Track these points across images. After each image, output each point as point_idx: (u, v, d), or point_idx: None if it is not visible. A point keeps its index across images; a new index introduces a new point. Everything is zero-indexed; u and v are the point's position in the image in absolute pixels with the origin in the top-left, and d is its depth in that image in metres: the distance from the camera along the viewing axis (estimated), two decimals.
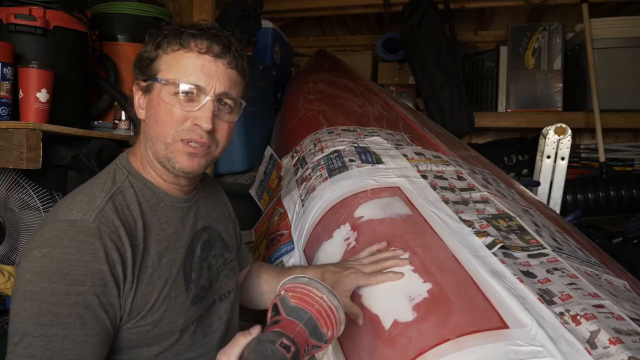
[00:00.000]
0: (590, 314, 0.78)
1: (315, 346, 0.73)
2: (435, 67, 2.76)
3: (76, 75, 1.64)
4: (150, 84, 0.89)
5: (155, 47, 0.89)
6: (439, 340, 0.77)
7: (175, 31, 0.88)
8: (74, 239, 0.76)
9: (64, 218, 0.79)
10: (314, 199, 1.30)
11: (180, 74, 0.86)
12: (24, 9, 1.50)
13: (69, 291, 0.74)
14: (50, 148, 1.51)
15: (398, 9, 3.00)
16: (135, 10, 1.91)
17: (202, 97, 0.86)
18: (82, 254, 0.76)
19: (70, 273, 0.74)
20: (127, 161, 0.93)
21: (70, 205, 0.80)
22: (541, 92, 3.02)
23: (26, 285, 0.74)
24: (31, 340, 0.72)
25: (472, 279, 0.88)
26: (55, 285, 0.74)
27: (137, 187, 0.89)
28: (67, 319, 0.74)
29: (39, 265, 0.74)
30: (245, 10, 2.31)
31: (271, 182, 1.86)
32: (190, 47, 0.87)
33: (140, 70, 0.91)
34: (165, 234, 0.89)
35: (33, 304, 0.73)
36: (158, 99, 0.87)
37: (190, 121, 0.86)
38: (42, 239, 0.77)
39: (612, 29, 2.82)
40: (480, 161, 1.62)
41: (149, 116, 0.90)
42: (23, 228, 1.61)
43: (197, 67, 0.86)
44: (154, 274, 0.85)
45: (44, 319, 0.73)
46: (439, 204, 1.11)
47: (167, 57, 0.88)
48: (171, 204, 0.93)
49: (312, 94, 2.13)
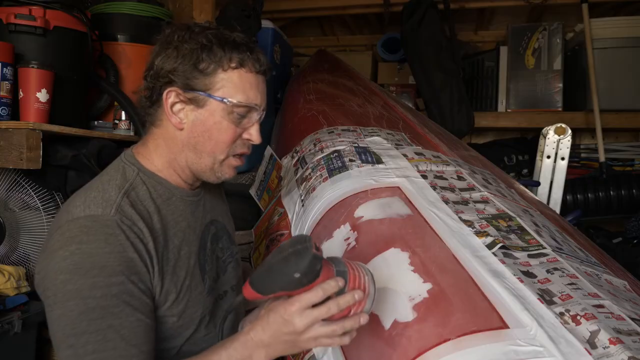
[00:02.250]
0: (590, 314, 0.78)
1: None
2: (435, 67, 2.75)
3: (76, 75, 1.64)
4: (203, 98, 0.88)
5: (215, 63, 0.87)
6: (439, 340, 0.77)
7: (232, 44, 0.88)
8: (100, 232, 0.77)
9: (83, 215, 0.79)
10: (314, 199, 1.30)
11: (240, 95, 0.88)
12: (24, 9, 1.50)
13: (109, 283, 0.75)
14: (50, 148, 1.51)
15: (398, 9, 2.99)
16: (135, 10, 1.91)
17: (255, 114, 0.91)
18: (112, 246, 0.77)
19: (105, 265, 0.75)
20: (135, 159, 0.93)
21: (85, 202, 0.80)
22: (541, 92, 3.02)
23: (64, 286, 0.74)
24: (88, 337, 0.73)
25: (472, 279, 0.88)
26: (94, 279, 0.74)
27: (148, 184, 0.90)
28: (116, 308, 0.75)
29: (71, 263, 0.75)
30: (245, 10, 2.31)
31: (271, 182, 1.86)
32: (249, 67, 0.89)
33: (186, 78, 0.87)
34: (180, 226, 0.91)
35: (78, 302, 0.74)
36: (214, 116, 0.88)
37: (242, 138, 0.92)
38: (65, 238, 0.77)
39: (612, 29, 2.82)
40: (480, 161, 1.62)
41: (196, 131, 0.89)
42: (23, 228, 1.61)
43: (253, 86, 0.90)
44: (176, 266, 0.87)
45: (94, 314, 0.74)
46: (439, 204, 1.11)
47: (224, 74, 0.87)
48: (182, 197, 0.94)
49: (312, 94, 2.13)
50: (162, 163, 0.93)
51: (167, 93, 0.88)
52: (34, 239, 1.61)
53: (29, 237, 1.61)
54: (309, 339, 0.76)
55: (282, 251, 0.75)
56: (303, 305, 0.74)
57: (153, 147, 0.93)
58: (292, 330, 0.75)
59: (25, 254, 1.62)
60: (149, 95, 0.92)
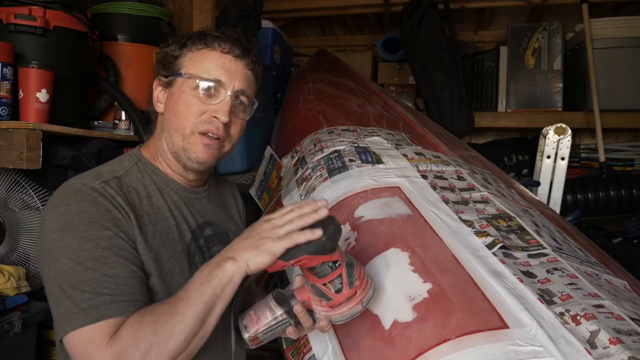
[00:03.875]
0: (590, 314, 0.78)
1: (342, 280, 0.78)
2: (435, 67, 2.75)
3: (76, 75, 1.64)
4: (172, 79, 0.95)
5: (180, 46, 0.95)
6: (439, 340, 0.78)
7: (200, 33, 0.95)
8: (87, 194, 0.81)
9: (72, 182, 0.84)
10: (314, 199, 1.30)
11: (202, 70, 0.92)
12: (24, 9, 1.50)
13: (99, 236, 0.78)
14: (50, 148, 1.51)
15: (398, 9, 2.99)
16: (135, 10, 1.91)
17: (222, 92, 0.92)
18: (100, 205, 0.81)
19: (93, 221, 0.79)
20: (138, 151, 0.99)
21: (78, 177, 0.87)
22: (541, 92, 3.02)
23: (55, 244, 0.77)
24: (84, 286, 0.74)
25: (472, 279, 0.88)
26: (84, 233, 0.77)
27: (144, 172, 0.95)
28: (108, 259, 0.77)
29: (61, 223, 0.78)
30: (245, 10, 2.31)
31: (271, 182, 1.86)
32: (214, 47, 0.93)
33: (163, 66, 0.96)
34: (172, 214, 0.94)
35: (70, 255, 0.76)
36: (179, 92, 0.93)
37: (208, 114, 0.92)
38: (54, 203, 0.82)
39: (612, 29, 2.82)
40: (480, 161, 1.62)
41: (167, 109, 0.95)
42: (23, 228, 1.61)
43: (219, 64, 0.93)
44: (161, 245, 0.89)
45: (88, 264, 0.75)
46: (439, 204, 1.11)
47: (191, 54, 0.94)
48: (177, 191, 0.97)
49: (312, 94, 2.13)
50: (154, 151, 0.98)
51: (155, 82, 0.98)
52: (34, 239, 1.61)
53: (29, 237, 1.61)
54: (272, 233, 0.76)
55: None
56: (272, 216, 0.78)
57: (150, 140, 1.01)
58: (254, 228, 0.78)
59: (25, 254, 1.62)
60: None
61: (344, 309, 0.80)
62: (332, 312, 0.81)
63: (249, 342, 0.84)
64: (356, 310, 0.80)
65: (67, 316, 0.73)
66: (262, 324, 0.83)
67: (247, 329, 0.83)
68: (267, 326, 0.83)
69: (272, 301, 0.84)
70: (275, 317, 0.82)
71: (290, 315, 0.82)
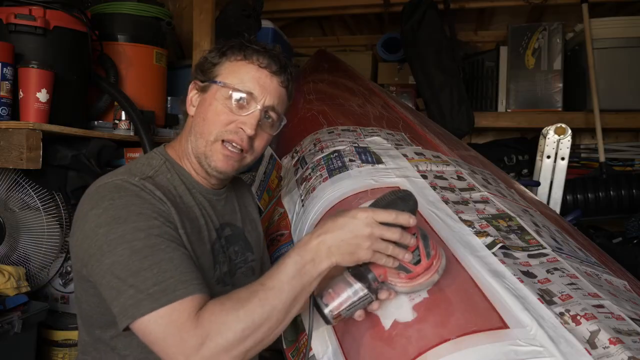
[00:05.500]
0: (590, 314, 0.78)
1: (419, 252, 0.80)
2: (435, 67, 2.75)
3: (76, 75, 1.64)
4: (207, 84, 0.97)
5: (220, 54, 0.97)
6: (439, 340, 0.77)
7: (241, 44, 0.97)
8: (129, 189, 0.84)
9: (110, 180, 0.86)
10: (314, 199, 1.30)
11: (237, 81, 0.94)
12: (24, 9, 1.50)
13: (150, 225, 0.80)
14: (50, 148, 1.51)
15: (398, 9, 2.99)
16: (135, 10, 1.91)
17: (253, 105, 0.94)
18: (143, 199, 0.83)
19: (141, 213, 0.81)
20: (164, 151, 1.00)
21: (111, 175, 0.88)
22: (541, 92, 3.02)
23: (106, 237, 0.78)
24: (145, 273, 0.76)
25: (472, 279, 0.88)
26: (135, 224, 0.79)
27: (173, 171, 0.97)
28: (162, 245, 0.79)
29: (109, 216, 0.80)
30: (245, 10, 2.31)
31: (271, 182, 1.86)
32: (252, 60, 0.95)
33: (201, 71, 0.98)
34: (201, 212, 0.97)
35: (125, 246, 0.77)
36: (211, 99, 0.95)
37: (235, 124, 0.94)
38: (96, 199, 0.83)
39: (612, 29, 2.82)
40: (480, 161, 1.62)
41: (198, 113, 0.97)
42: (23, 228, 1.61)
43: (254, 78, 0.94)
44: (195, 242, 0.91)
45: (145, 252, 0.77)
46: (439, 204, 1.11)
47: (229, 64, 0.96)
48: (201, 192, 1.00)
49: (312, 94, 2.13)
50: (181, 152, 0.99)
51: (191, 86, 1.00)
52: (34, 239, 1.61)
53: (29, 237, 1.61)
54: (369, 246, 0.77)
55: (384, 199, 0.81)
56: (373, 216, 0.77)
57: (177, 140, 1.02)
58: (355, 230, 0.76)
59: (25, 254, 1.62)
60: None
61: (422, 280, 0.81)
62: (411, 283, 0.82)
63: (332, 319, 0.82)
64: (434, 279, 0.82)
65: (133, 303, 0.75)
66: (344, 301, 0.82)
67: (329, 307, 0.82)
68: (350, 302, 0.82)
69: (350, 277, 0.83)
70: (356, 293, 0.82)
71: (371, 290, 0.82)
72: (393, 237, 0.77)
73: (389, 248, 0.78)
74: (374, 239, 0.77)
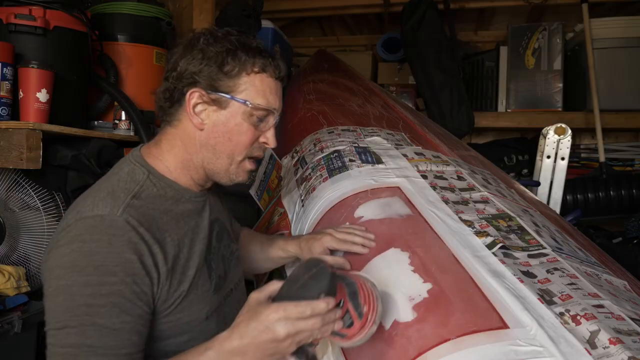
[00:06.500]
0: (590, 314, 0.78)
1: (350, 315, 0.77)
2: (435, 67, 2.75)
3: (76, 75, 1.64)
4: (224, 100, 0.91)
5: (235, 64, 0.90)
6: (438, 341, 0.77)
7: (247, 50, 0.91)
8: (105, 232, 0.79)
9: (91, 214, 0.80)
10: (314, 199, 1.30)
11: (262, 99, 0.92)
12: (24, 9, 1.50)
13: (102, 282, 0.76)
14: (50, 148, 1.51)
15: (398, 9, 2.99)
16: (135, 10, 1.91)
17: (271, 118, 0.95)
18: (113, 247, 0.78)
19: (102, 265, 0.77)
20: (144, 160, 0.93)
21: (94, 202, 0.82)
22: (541, 92, 3.02)
23: (57, 280, 0.77)
24: (69, 330, 0.75)
25: (472, 279, 0.88)
26: (87, 277, 0.76)
27: (158, 186, 0.91)
28: (102, 308, 0.76)
29: (70, 260, 0.77)
30: (245, 10, 2.31)
31: (271, 182, 1.86)
32: (270, 72, 0.93)
33: (211, 81, 0.90)
34: (190, 226, 0.93)
35: (66, 297, 0.76)
36: (236, 117, 0.91)
37: (258, 141, 0.95)
38: (70, 236, 0.79)
39: (612, 29, 2.82)
40: (480, 161, 1.62)
41: (217, 130, 0.92)
42: (23, 228, 1.61)
43: (273, 91, 0.94)
44: (186, 265, 0.89)
45: (79, 311, 0.75)
46: (439, 204, 1.11)
47: (247, 78, 0.91)
48: (190, 198, 0.96)
49: (312, 94, 2.13)
50: (175, 163, 0.94)
51: (191, 94, 0.90)
52: (34, 239, 1.61)
53: (29, 237, 1.61)
54: (290, 343, 0.75)
55: (298, 279, 0.77)
56: (287, 316, 0.73)
57: (167, 147, 0.94)
58: (273, 337, 0.74)
59: (25, 254, 1.61)
60: (169, 95, 0.93)
61: (360, 336, 0.79)
62: (349, 342, 0.80)
63: None
64: (372, 331, 0.80)
65: (50, 349, 0.76)
66: None
67: None
68: None
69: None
70: None
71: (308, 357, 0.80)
72: (314, 327, 0.74)
73: (313, 333, 0.75)
74: (292, 335, 0.74)
